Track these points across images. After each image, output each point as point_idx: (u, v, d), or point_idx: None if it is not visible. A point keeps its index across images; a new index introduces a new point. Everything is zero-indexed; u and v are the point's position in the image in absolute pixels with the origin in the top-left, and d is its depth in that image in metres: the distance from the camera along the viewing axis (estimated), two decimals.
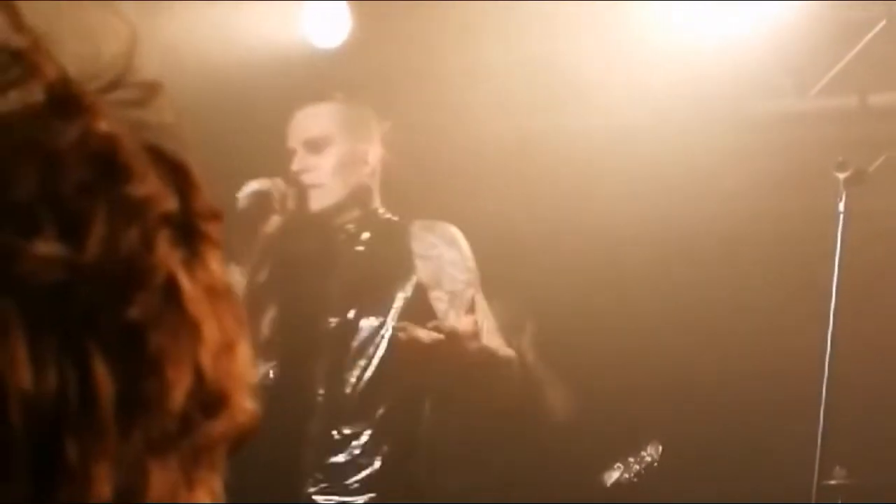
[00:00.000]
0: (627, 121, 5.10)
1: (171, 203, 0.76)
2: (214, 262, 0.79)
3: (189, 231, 0.77)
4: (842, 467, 4.57)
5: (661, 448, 5.17)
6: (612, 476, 5.21)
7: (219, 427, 0.78)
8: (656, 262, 5.16)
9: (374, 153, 3.93)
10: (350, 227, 3.83)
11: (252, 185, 3.73)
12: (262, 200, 3.69)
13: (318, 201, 3.80)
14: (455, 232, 3.90)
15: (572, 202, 5.21)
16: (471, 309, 3.67)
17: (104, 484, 0.72)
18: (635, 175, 5.06)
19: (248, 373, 0.81)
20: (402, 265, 3.79)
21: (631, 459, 5.21)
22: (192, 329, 0.77)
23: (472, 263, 3.88)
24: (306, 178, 3.79)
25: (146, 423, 0.74)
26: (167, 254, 0.75)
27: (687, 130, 5.09)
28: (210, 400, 0.78)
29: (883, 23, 4.79)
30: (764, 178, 5.04)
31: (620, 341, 5.26)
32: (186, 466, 0.77)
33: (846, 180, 4.03)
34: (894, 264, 4.85)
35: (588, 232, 5.22)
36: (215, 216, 0.80)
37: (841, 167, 4.06)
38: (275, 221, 3.72)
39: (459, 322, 3.63)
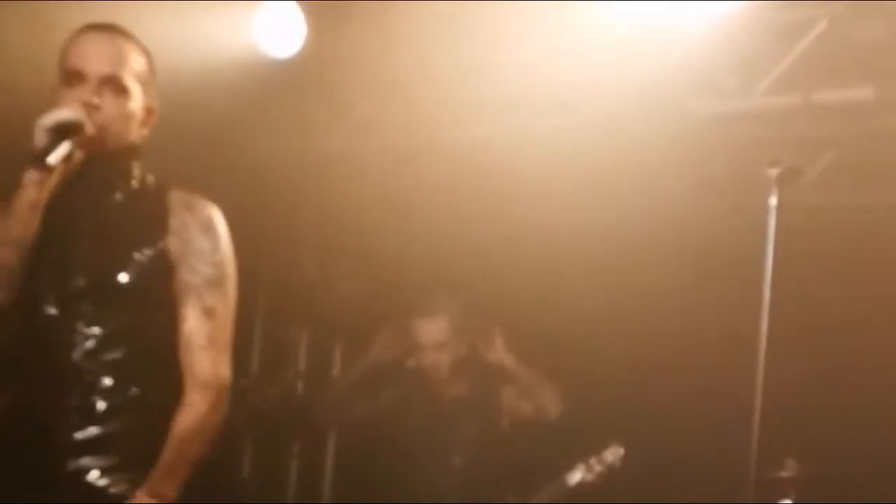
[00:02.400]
0: (573, 121, 5.15)
1: None
2: None
3: None
4: (792, 459, 4.65)
5: (622, 450, 5.22)
6: (575, 476, 5.26)
7: None
8: (597, 261, 5.23)
9: (149, 109, 3.45)
10: (114, 182, 3.40)
11: (63, 113, 3.19)
12: (73, 133, 3.18)
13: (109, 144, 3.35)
14: (213, 214, 3.44)
15: (520, 202, 5.27)
16: (208, 313, 3.36)
17: None
18: (580, 175, 5.12)
19: None
20: (151, 227, 3.40)
21: (593, 460, 5.26)
22: None
23: (221, 257, 3.41)
24: (96, 117, 3.29)
25: None
26: None
27: (633, 130, 5.14)
28: None
29: (823, 23, 4.87)
30: (708, 176, 5.11)
31: (565, 340, 5.33)
32: None
33: (778, 177, 4.11)
34: (832, 259, 4.93)
35: (535, 232, 5.28)
36: None
37: (773, 163, 4.14)
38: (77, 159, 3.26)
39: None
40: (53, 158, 3.16)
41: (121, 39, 3.42)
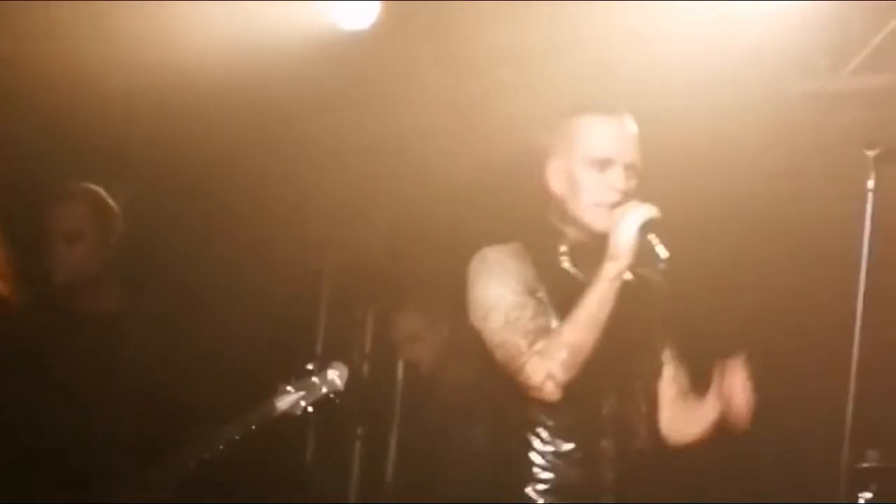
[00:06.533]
0: (660, 103, 5.05)
1: None
2: None
3: None
4: (874, 450, 4.53)
5: None
6: None
7: None
8: (685, 248, 5.12)
9: None
10: None
11: (652, 211, 3.73)
12: (651, 228, 3.71)
13: None
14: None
15: None
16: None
17: None
18: (668, 157, 5.01)
19: None
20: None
21: None
22: None
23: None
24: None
25: None
26: None
27: (721, 112, 5.05)
28: None
29: None
30: (799, 157, 5.00)
31: None
32: None
33: (876, 158, 3.98)
34: None
35: None
36: None
37: (870, 145, 4.01)
38: None
39: None
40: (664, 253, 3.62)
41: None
